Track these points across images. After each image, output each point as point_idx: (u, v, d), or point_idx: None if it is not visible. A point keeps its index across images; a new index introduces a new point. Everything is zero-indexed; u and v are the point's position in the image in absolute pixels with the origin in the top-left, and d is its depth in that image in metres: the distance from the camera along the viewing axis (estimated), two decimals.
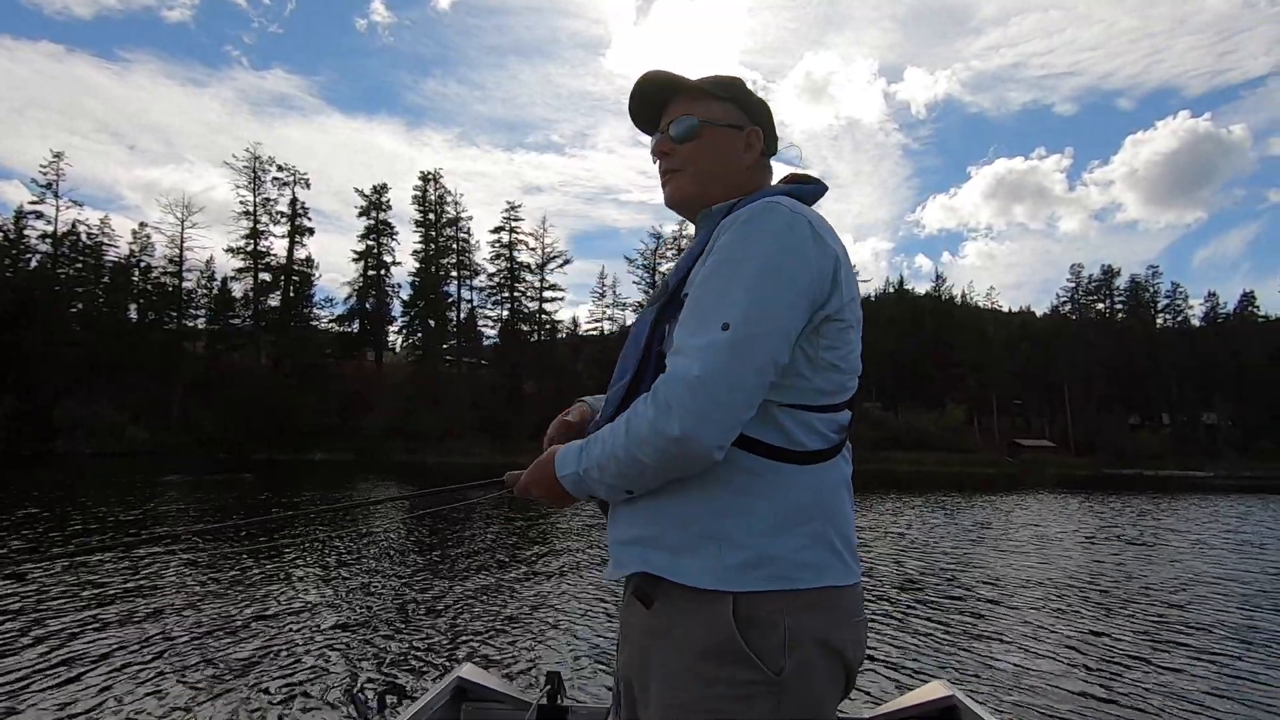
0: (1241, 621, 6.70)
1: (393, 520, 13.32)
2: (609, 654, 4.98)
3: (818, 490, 1.03)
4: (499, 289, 64.47)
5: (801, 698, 0.96)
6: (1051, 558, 10.49)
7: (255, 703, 4.09)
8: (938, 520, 15.50)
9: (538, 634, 5.68)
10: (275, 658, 4.87)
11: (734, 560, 0.98)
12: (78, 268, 52.60)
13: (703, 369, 0.94)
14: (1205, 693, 4.69)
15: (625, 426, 1.00)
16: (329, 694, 4.25)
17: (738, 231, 1.03)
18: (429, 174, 63.76)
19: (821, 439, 1.05)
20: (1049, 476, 44.50)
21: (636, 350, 1.11)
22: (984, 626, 6.30)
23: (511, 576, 7.95)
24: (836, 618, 1.01)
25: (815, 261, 1.02)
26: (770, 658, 0.95)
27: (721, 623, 0.96)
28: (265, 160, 58.04)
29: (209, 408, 48.45)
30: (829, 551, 1.02)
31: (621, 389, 1.10)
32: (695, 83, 1.20)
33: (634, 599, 1.06)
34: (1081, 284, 76.15)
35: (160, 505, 14.56)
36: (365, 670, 4.70)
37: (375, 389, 55.35)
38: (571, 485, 1.09)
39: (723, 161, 1.19)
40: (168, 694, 4.16)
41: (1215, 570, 9.71)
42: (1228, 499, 25.42)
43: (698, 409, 0.94)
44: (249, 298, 57.54)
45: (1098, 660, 5.35)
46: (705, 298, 1.00)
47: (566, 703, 2.35)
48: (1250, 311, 75.33)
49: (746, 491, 1.00)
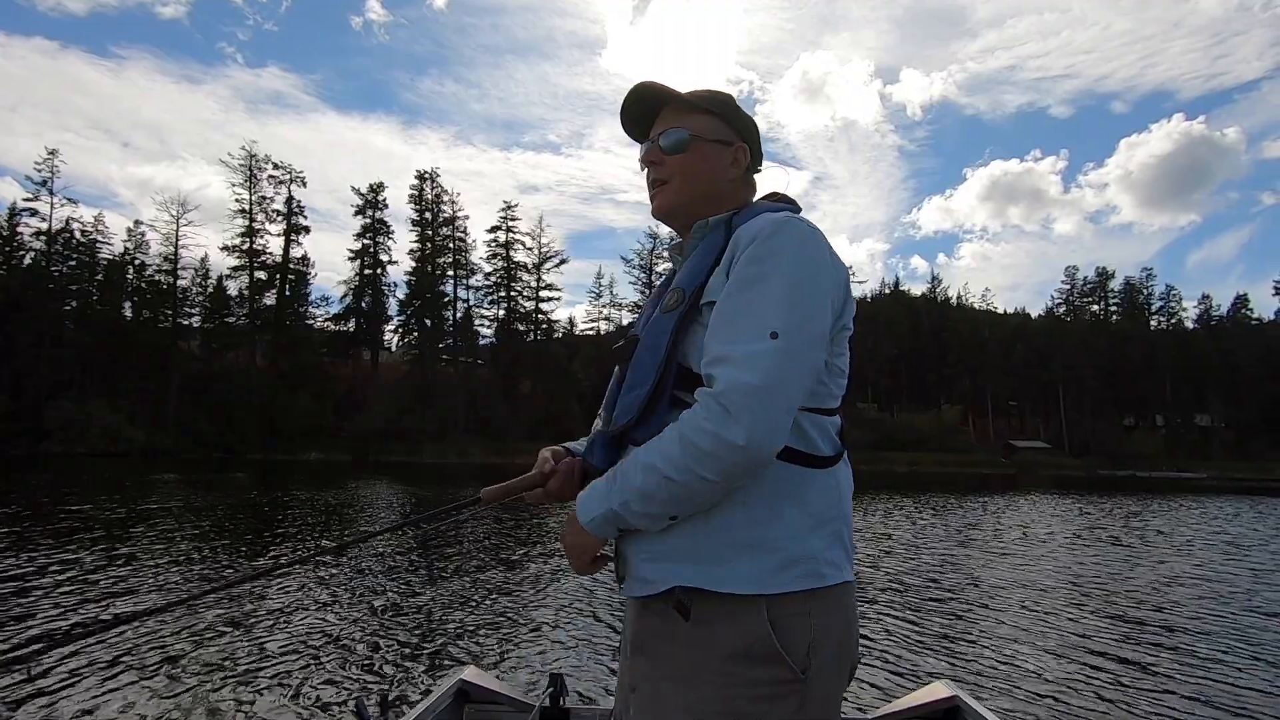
0: (1239, 625, 6.73)
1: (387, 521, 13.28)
2: (611, 656, 4.98)
3: (836, 491, 1.09)
4: (495, 288, 64.41)
5: (822, 693, 1.01)
6: (1052, 559, 10.53)
7: (255, 705, 4.07)
8: (937, 520, 15.55)
9: (539, 636, 5.67)
10: (275, 661, 4.85)
11: (770, 564, 1.01)
12: (71, 265, 52.35)
13: (763, 377, 0.96)
14: (1205, 692, 4.71)
15: (678, 445, 0.98)
16: (330, 697, 4.23)
17: (765, 244, 1.05)
18: (426, 173, 63.74)
19: (830, 443, 1.10)
20: (1043, 477, 44.71)
21: (654, 359, 1.10)
22: (985, 627, 6.31)
23: (513, 579, 7.93)
24: (851, 614, 1.08)
25: (834, 272, 1.08)
26: (798, 656, 0.99)
27: (756, 625, 0.99)
28: (261, 158, 57.97)
29: (204, 407, 48.31)
30: (844, 550, 1.08)
31: (639, 398, 1.09)
32: (687, 96, 1.22)
33: (664, 612, 1.05)
34: (1076, 286, 76.49)
35: (150, 505, 14.49)
36: (366, 673, 4.68)
37: (371, 389, 55.23)
38: (601, 525, 1.06)
39: (709, 175, 1.22)
40: (166, 695, 4.13)
41: (1210, 572, 9.76)
42: (1219, 500, 25.57)
43: (763, 415, 0.95)
44: (244, 296, 57.39)
45: (1099, 660, 5.36)
46: (744, 307, 1.02)
47: (569, 705, 2.35)
48: (1243, 314, 75.70)
49: (778, 497, 1.03)
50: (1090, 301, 76.26)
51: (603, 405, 1.25)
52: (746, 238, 1.08)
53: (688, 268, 1.16)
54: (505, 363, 60.55)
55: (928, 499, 21.97)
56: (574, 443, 1.33)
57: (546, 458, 1.25)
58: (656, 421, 1.06)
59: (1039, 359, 69.57)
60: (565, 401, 58.02)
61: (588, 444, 1.24)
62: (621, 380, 1.18)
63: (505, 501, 1.23)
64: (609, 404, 1.22)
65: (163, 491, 17.80)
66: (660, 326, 1.12)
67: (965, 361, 68.31)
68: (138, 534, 10.31)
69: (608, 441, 1.17)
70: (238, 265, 57.03)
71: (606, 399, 1.24)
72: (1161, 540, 13.29)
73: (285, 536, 10.83)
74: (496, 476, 1.38)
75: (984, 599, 7.54)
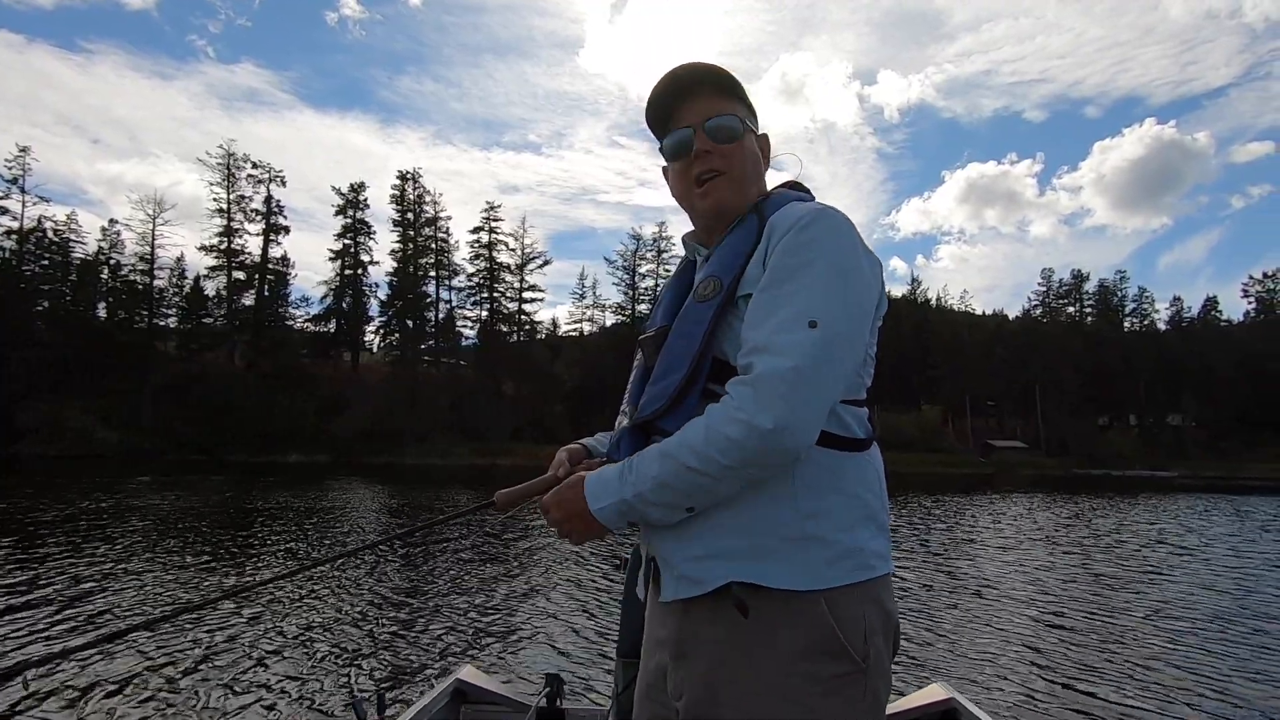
0: (1231, 622, 6.85)
1: (388, 525, 13.19)
2: (609, 657, 5.01)
3: (875, 475, 1.08)
4: (478, 289, 63.99)
5: (879, 679, 1.01)
6: (1041, 559, 10.69)
7: (254, 705, 4.06)
8: (925, 521, 15.73)
9: (537, 637, 5.68)
10: (274, 660, 4.83)
11: (823, 557, 0.99)
12: (44, 265, 51.23)
13: (799, 362, 0.94)
14: (1205, 692, 4.79)
15: (703, 433, 0.96)
16: (328, 697, 4.23)
17: (803, 233, 1.03)
18: (408, 173, 63.19)
19: (864, 429, 1.09)
20: (1021, 477, 45.30)
21: (690, 347, 1.06)
22: (981, 628, 6.37)
23: (511, 579, 7.93)
24: (893, 601, 1.07)
25: (870, 263, 1.07)
26: (858, 646, 0.98)
27: (820, 620, 0.97)
28: (240, 157, 57.15)
29: (181, 409, 47.44)
30: (887, 540, 1.07)
31: (671, 385, 1.06)
32: (732, 79, 1.15)
33: (714, 613, 1.01)
34: (1052, 288, 77.58)
35: (126, 508, 14.26)
36: (364, 673, 4.68)
37: (352, 390, 54.60)
38: (612, 515, 1.02)
39: (757, 166, 1.18)
40: (165, 695, 4.11)
41: (1205, 573, 9.97)
42: (1189, 498, 26.09)
43: (796, 403, 0.93)
44: (222, 296, 56.52)
45: (1097, 660, 5.44)
46: (784, 298, 0.99)
47: (566, 705, 2.35)
48: (1213, 316, 77.25)
49: (823, 488, 1.01)
50: (1066, 303, 77.38)
51: (626, 399, 1.19)
52: (782, 227, 1.06)
53: (721, 257, 1.12)
54: (488, 364, 60.20)
55: (913, 499, 22.19)
56: (591, 439, 1.29)
57: (562, 459, 1.20)
58: (684, 412, 1.03)
59: (1017, 360, 70.50)
60: (549, 402, 57.86)
61: (612, 441, 1.18)
62: (648, 371, 1.14)
63: (521, 506, 1.15)
64: (633, 396, 1.17)
65: (138, 494, 17.51)
66: (696, 315, 1.09)
67: (947, 363, 69.03)
68: (111, 538, 10.15)
69: (633, 433, 1.11)
70: (216, 265, 56.19)
71: (630, 391, 1.19)
72: (1139, 538, 13.57)
73: (285, 541, 10.73)
74: (481, 478, 1.35)
75: (975, 599, 7.65)
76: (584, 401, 57.52)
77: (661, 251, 65.04)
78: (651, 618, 1.15)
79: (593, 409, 53.50)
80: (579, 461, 1.20)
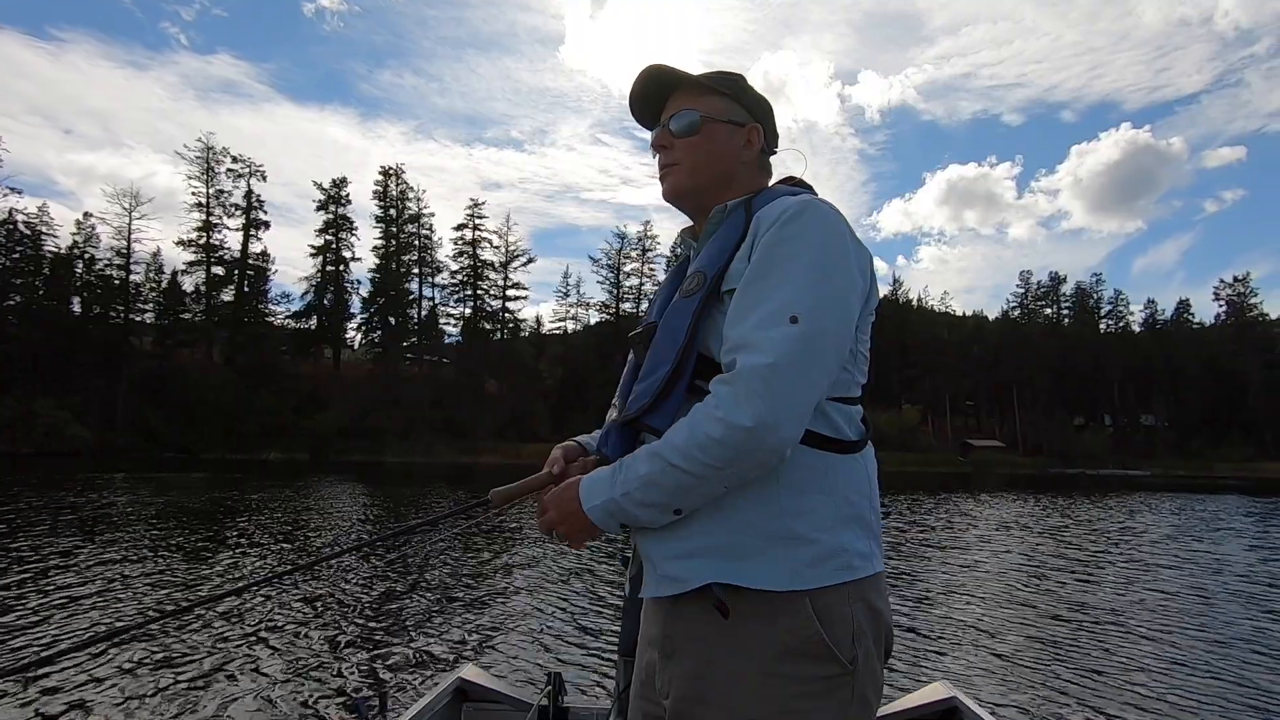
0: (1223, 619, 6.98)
1: (379, 525, 13.12)
2: (611, 656, 5.06)
3: (865, 477, 1.07)
4: (461, 287, 63.63)
5: (867, 683, 0.99)
6: (1040, 558, 10.79)
7: (255, 704, 4.06)
8: (906, 520, 15.93)
9: (539, 635, 5.71)
10: (275, 659, 4.83)
11: (805, 557, 0.98)
12: (15, 258, 50.08)
13: (778, 359, 0.93)
14: (1204, 689, 4.86)
15: (686, 431, 0.96)
16: (330, 696, 4.24)
17: (787, 227, 1.02)
18: (390, 169, 62.66)
19: (855, 429, 1.08)
20: (998, 476, 45.98)
21: (674, 342, 1.06)
22: (981, 626, 6.42)
23: (512, 578, 7.95)
24: (884, 602, 1.05)
25: (858, 257, 1.05)
26: (845, 649, 0.97)
27: (804, 621, 0.96)
28: (219, 151, 56.33)
29: (157, 406, 46.67)
30: (874, 539, 1.06)
31: (658, 381, 1.05)
32: (697, 77, 1.19)
33: (699, 612, 1.01)
34: (1030, 290, 78.73)
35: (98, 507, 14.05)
36: (366, 672, 4.70)
37: (333, 387, 54.05)
38: (603, 516, 1.02)
39: (721, 157, 1.18)
40: (164, 695, 4.10)
41: (1203, 572, 10.19)
42: (1159, 496, 26.65)
43: (775, 400, 0.92)
44: (200, 292, 55.68)
45: (1097, 658, 5.52)
46: (765, 292, 0.98)
47: (568, 704, 2.34)
48: (1185, 318, 78.87)
49: (807, 488, 1.00)
50: (1044, 305, 78.59)
51: (617, 394, 1.20)
52: (767, 221, 1.05)
53: (707, 251, 1.12)
54: (471, 361, 59.88)
55: (894, 499, 22.46)
56: (587, 436, 1.28)
57: (557, 456, 1.20)
58: (671, 408, 1.03)
59: (995, 360, 71.55)
60: (532, 400, 57.70)
61: (601, 435, 1.18)
62: (638, 367, 1.14)
63: (515, 503, 1.17)
64: (623, 392, 1.18)
65: (113, 492, 17.24)
66: (680, 310, 1.09)
67: (926, 363, 69.85)
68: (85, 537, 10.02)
69: (622, 429, 1.11)
70: (194, 260, 55.38)
71: (621, 387, 1.20)
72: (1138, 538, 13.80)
73: (274, 541, 10.64)
74: (464, 476, 1.34)
75: (974, 598, 7.75)
76: (567, 399, 57.43)
77: (646, 250, 65.12)
78: (644, 616, 1.17)
79: (576, 407, 53.44)
80: (574, 459, 1.21)
